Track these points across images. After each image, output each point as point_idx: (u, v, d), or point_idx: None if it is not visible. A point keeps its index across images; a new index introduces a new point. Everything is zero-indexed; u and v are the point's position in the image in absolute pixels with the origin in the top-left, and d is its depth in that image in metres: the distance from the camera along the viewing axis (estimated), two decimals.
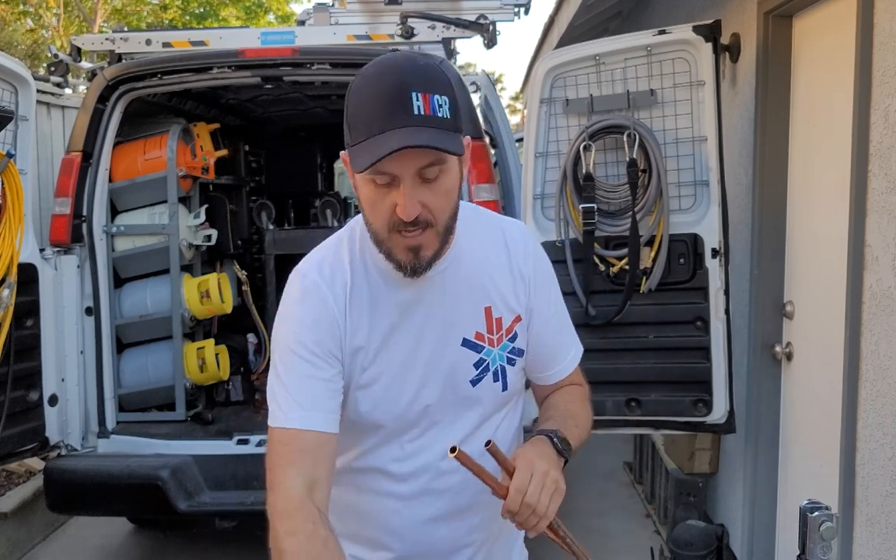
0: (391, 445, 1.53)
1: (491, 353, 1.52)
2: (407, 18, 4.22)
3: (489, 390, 1.52)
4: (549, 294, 1.60)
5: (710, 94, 3.29)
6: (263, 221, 5.19)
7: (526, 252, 1.57)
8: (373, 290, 1.48)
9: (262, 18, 17.07)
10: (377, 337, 1.48)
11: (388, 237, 1.37)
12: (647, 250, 3.35)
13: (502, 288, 1.53)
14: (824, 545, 1.36)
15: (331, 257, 1.52)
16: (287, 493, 1.35)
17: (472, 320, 1.50)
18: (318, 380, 1.43)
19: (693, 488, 4.19)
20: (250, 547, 4.40)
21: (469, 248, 1.51)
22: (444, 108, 1.32)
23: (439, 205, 1.36)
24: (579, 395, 1.66)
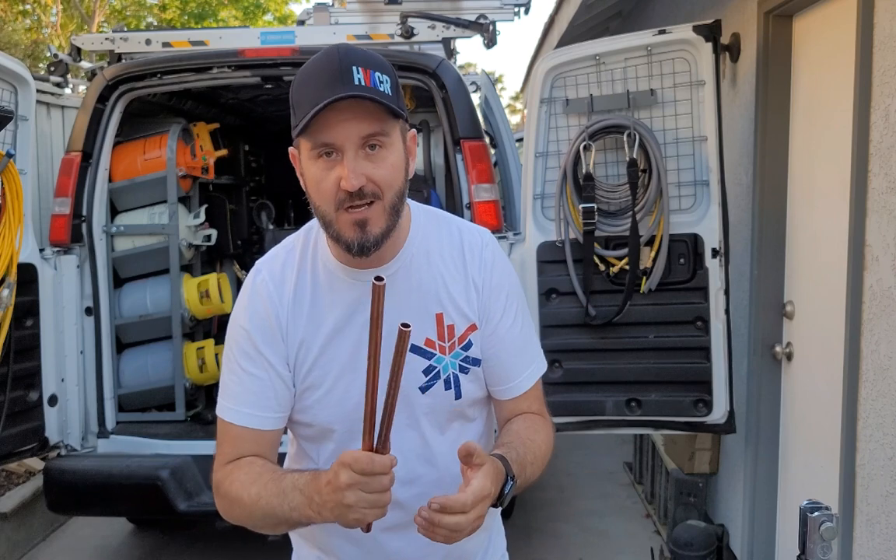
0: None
1: (442, 361, 1.49)
2: (407, 18, 4.22)
3: (440, 398, 1.49)
4: (504, 304, 1.54)
5: (710, 93, 3.29)
6: (263, 221, 5.20)
7: (482, 259, 1.53)
8: (319, 290, 1.48)
9: (259, 19, 17.07)
10: (320, 337, 1.47)
11: (336, 216, 1.37)
12: (647, 250, 3.35)
13: (456, 295, 1.50)
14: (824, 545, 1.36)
15: (283, 255, 1.53)
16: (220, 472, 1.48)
17: (421, 326, 1.46)
18: (256, 377, 1.47)
19: (693, 488, 4.19)
20: (250, 547, 4.41)
21: (423, 252, 1.50)
22: (385, 85, 1.34)
23: (384, 178, 1.36)
24: (544, 428, 1.57)
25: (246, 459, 1.47)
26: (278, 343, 1.47)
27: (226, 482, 1.46)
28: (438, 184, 4.87)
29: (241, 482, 1.43)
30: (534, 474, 1.50)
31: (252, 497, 1.41)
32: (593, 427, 3.48)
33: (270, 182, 5.84)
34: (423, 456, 1.50)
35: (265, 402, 1.47)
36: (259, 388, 1.47)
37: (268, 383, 1.47)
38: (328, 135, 1.33)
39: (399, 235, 1.47)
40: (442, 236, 1.54)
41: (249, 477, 1.43)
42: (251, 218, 5.36)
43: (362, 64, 1.33)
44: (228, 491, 1.45)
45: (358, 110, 1.33)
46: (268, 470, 1.44)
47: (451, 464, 1.42)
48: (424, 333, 1.47)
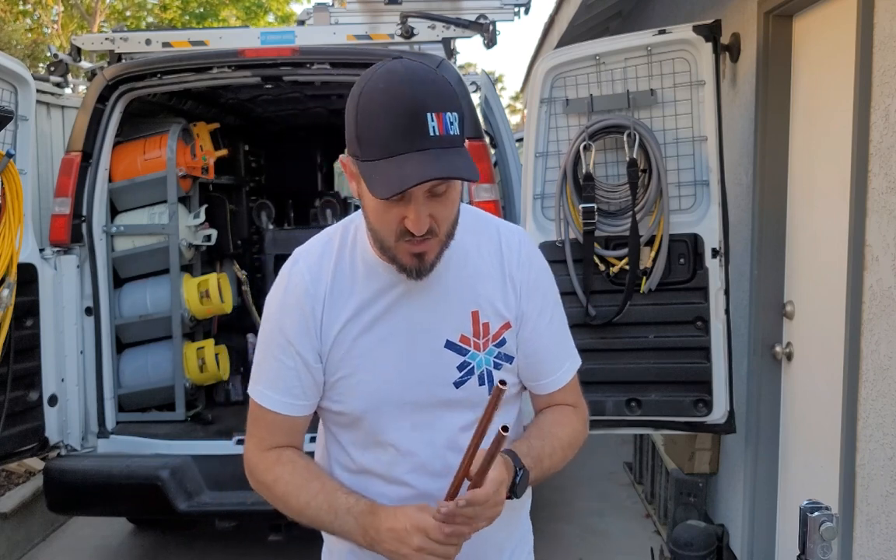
0: (379, 448, 1.53)
1: (476, 357, 1.52)
2: (407, 18, 4.22)
3: (474, 393, 1.52)
4: (543, 302, 1.58)
5: (710, 93, 3.29)
6: (263, 221, 5.20)
7: (520, 258, 1.56)
8: (356, 282, 1.51)
9: (261, 18, 17.07)
10: (355, 328, 1.50)
11: (395, 245, 1.41)
12: (647, 250, 3.35)
13: (492, 293, 1.53)
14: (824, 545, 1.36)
15: (321, 247, 1.55)
16: (257, 457, 1.57)
17: (457, 323, 1.51)
18: (288, 366, 1.51)
19: (693, 488, 4.19)
20: (250, 547, 4.42)
21: (461, 252, 1.52)
22: (454, 124, 1.34)
23: (445, 215, 1.40)
24: (570, 420, 1.63)
25: (287, 455, 1.55)
26: (311, 335, 1.51)
27: (268, 475, 1.54)
28: None
29: (288, 484, 1.52)
30: (554, 465, 1.56)
31: (300, 504, 1.50)
32: (593, 427, 3.42)
33: (270, 182, 5.84)
34: (458, 448, 1.51)
35: (298, 390, 1.53)
36: (292, 377, 1.52)
37: (301, 373, 1.52)
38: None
39: None
40: (480, 235, 1.57)
41: (295, 480, 1.52)
42: (251, 218, 5.36)
43: (434, 106, 1.32)
44: (272, 487, 1.54)
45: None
46: (313, 477, 1.52)
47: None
48: (460, 330, 1.51)
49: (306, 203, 5.72)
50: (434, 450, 1.51)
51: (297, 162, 5.98)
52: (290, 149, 5.95)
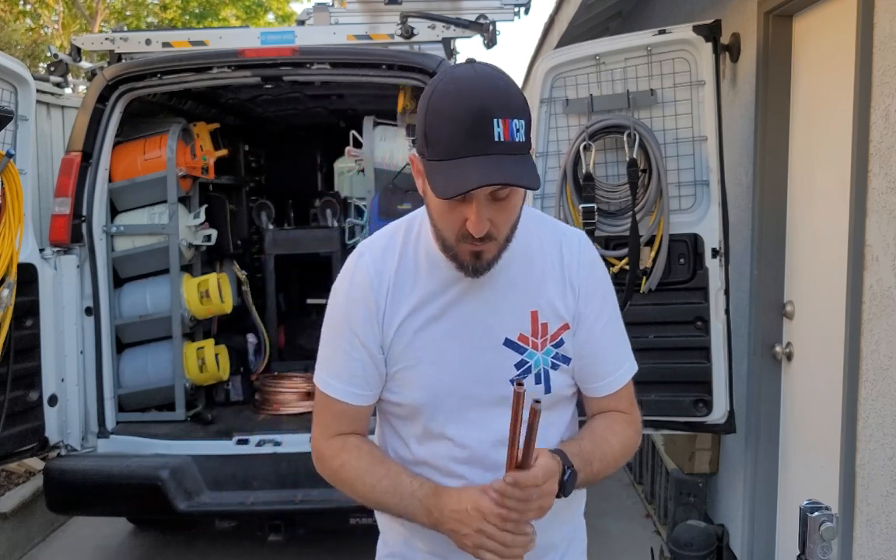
0: (435, 441, 1.56)
1: (534, 356, 1.54)
2: (407, 18, 4.22)
3: (530, 391, 1.52)
4: (601, 305, 1.60)
5: (710, 94, 3.29)
6: (263, 221, 5.19)
7: (581, 261, 1.59)
8: (420, 276, 1.55)
9: (262, 18, 17.07)
10: (417, 320, 1.53)
11: (456, 245, 1.45)
12: (647, 250, 3.35)
13: (551, 294, 1.55)
14: (824, 545, 1.36)
15: (385, 241, 1.60)
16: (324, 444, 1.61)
17: (516, 322, 1.53)
18: (353, 357, 1.55)
19: (693, 488, 4.19)
20: (250, 547, 4.42)
21: (523, 252, 1.55)
22: (520, 131, 1.37)
23: (505, 220, 1.43)
24: (622, 427, 1.63)
25: (352, 442, 1.59)
26: (375, 326, 1.55)
27: (335, 461, 1.59)
28: None
29: (354, 469, 1.56)
30: (602, 471, 1.56)
31: (366, 487, 1.54)
32: None
33: (270, 182, 5.84)
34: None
35: (362, 380, 1.57)
36: (357, 368, 1.56)
37: (366, 363, 1.56)
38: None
39: None
40: (543, 237, 1.60)
41: (361, 465, 1.56)
42: (251, 218, 5.36)
43: (501, 113, 1.34)
44: (338, 472, 1.58)
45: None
46: (378, 461, 1.57)
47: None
48: (518, 329, 1.53)
49: (306, 203, 5.71)
50: (489, 445, 1.53)
51: (297, 162, 5.97)
52: (290, 149, 5.95)
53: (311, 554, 4.28)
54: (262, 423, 4.18)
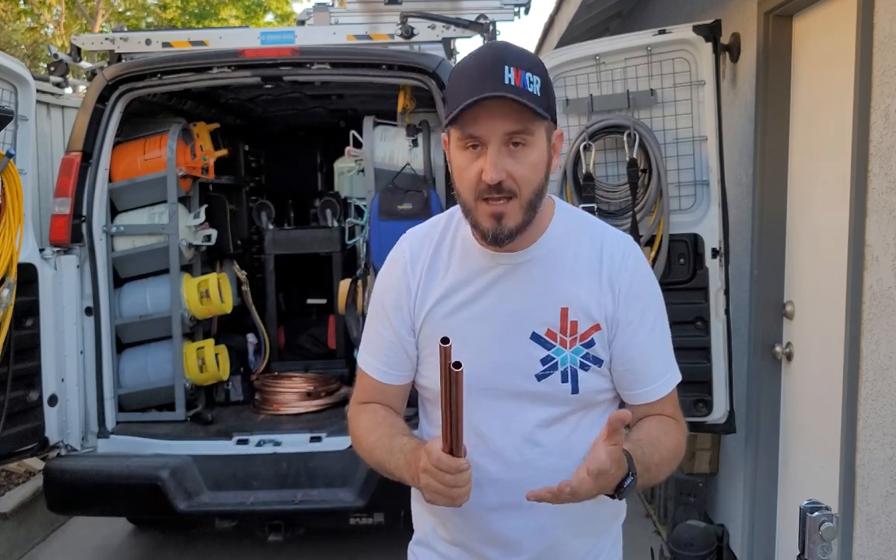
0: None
1: (561, 353, 1.52)
2: (407, 18, 4.22)
3: (556, 389, 1.52)
4: (643, 311, 1.56)
5: (710, 93, 3.29)
6: (263, 221, 5.19)
7: (624, 265, 1.55)
8: (454, 264, 1.57)
9: (261, 18, 17.07)
10: (447, 307, 1.56)
11: (476, 205, 1.45)
12: (648, 250, 3.35)
13: (584, 293, 1.53)
14: (824, 545, 1.36)
15: (427, 229, 1.65)
16: (352, 409, 1.70)
17: (545, 317, 1.52)
18: (383, 337, 1.62)
19: (693, 488, 4.18)
20: (250, 547, 4.42)
21: (559, 248, 1.54)
22: (535, 85, 1.39)
23: (524, 175, 1.42)
24: (674, 431, 1.59)
25: (371, 406, 1.66)
26: (404, 309, 1.59)
27: (353, 421, 1.67)
28: (438, 184, 4.86)
29: (364, 427, 1.63)
30: (658, 476, 1.53)
31: (369, 444, 1.60)
32: None
33: (270, 182, 5.84)
34: (534, 441, 1.54)
35: (390, 359, 1.62)
36: (386, 347, 1.62)
37: (394, 344, 1.61)
38: (475, 128, 1.40)
39: (537, 227, 1.53)
40: (582, 236, 1.58)
41: (370, 425, 1.62)
42: (251, 218, 5.36)
43: (514, 63, 1.39)
44: (354, 430, 1.66)
45: (505, 108, 1.39)
46: (385, 423, 1.61)
47: (565, 455, 1.49)
48: (547, 324, 1.52)
49: (306, 203, 5.71)
50: (510, 438, 1.53)
51: (297, 162, 5.97)
52: (290, 149, 5.95)
53: (311, 554, 4.28)
54: (262, 423, 4.18)
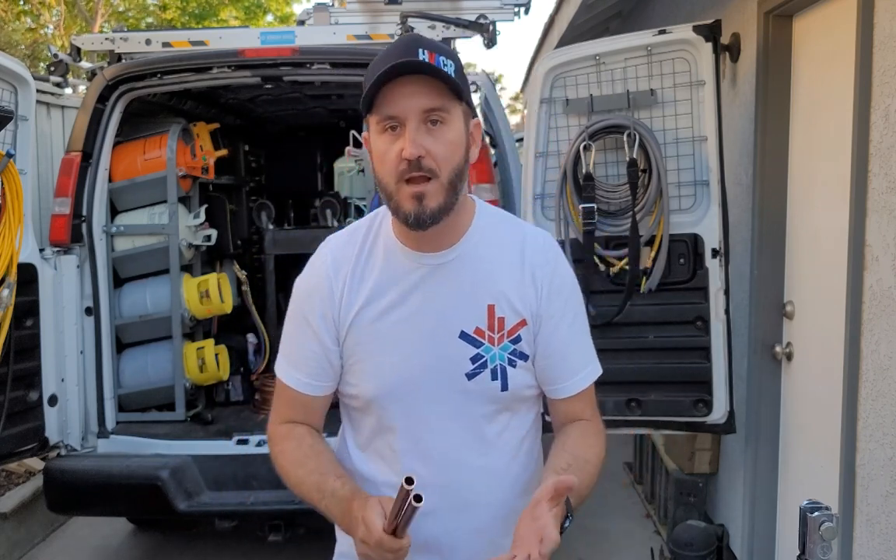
0: (389, 433, 1.55)
1: (490, 351, 1.52)
2: (407, 18, 4.22)
3: (486, 387, 1.52)
4: (564, 306, 1.58)
5: (710, 94, 3.29)
6: (263, 221, 5.19)
7: (545, 259, 1.57)
8: (377, 268, 1.55)
9: (261, 18, 17.07)
10: (373, 312, 1.53)
11: (397, 188, 1.43)
12: (647, 250, 3.35)
13: (509, 290, 1.53)
14: (824, 545, 1.36)
15: (349, 233, 1.62)
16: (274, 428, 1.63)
17: (472, 315, 1.52)
18: (307, 348, 1.57)
19: (693, 488, 4.19)
20: (250, 547, 4.42)
21: (481, 246, 1.55)
22: (449, 67, 1.41)
23: (443, 154, 1.42)
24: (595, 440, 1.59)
25: (297, 432, 1.60)
26: (329, 318, 1.55)
27: (277, 446, 1.61)
28: None
29: (290, 458, 1.57)
30: (587, 496, 1.53)
31: (297, 478, 1.54)
32: None
33: (270, 182, 5.84)
34: (468, 443, 1.54)
35: (315, 370, 1.57)
36: (310, 357, 1.57)
37: (319, 354, 1.56)
38: (392, 108, 1.41)
39: (460, 225, 1.54)
40: (503, 233, 1.59)
41: (297, 456, 1.56)
42: (251, 218, 5.36)
43: (428, 47, 1.41)
44: (277, 458, 1.60)
45: (420, 85, 1.40)
46: (313, 455, 1.56)
47: (498, 454, 1.52)
48: (474, 322, 1.52)
49: (306, 203, 5.71)
50: (442, 440, 1.52)
51: (297, 162, 5.97)
52: (290, 149, 5.95)
53: (311, 554, 4.28)
54: (262, 423, 4.18)
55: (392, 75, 1.38)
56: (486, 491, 1.54)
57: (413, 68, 1.38)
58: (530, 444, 1.62)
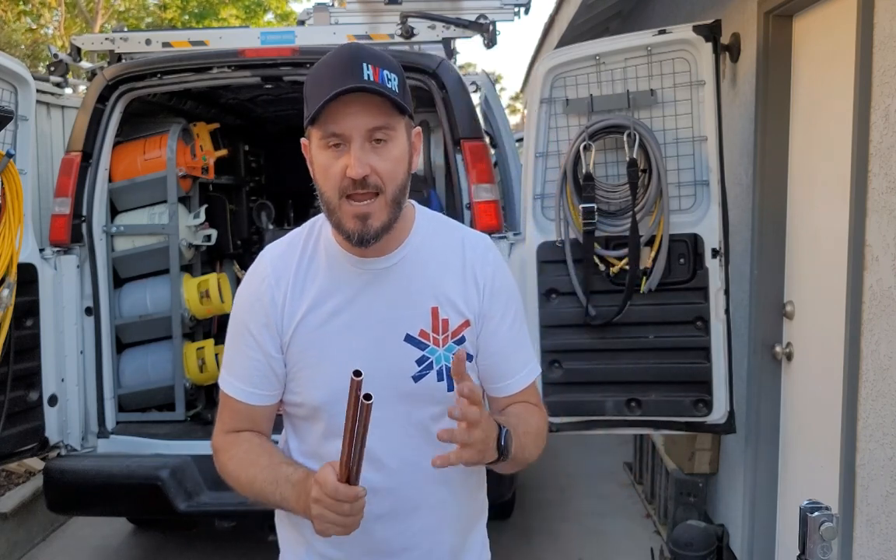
0: (337, 440, 1.48)
1: (435, 353, 1.53)
2: (407, 18, 4.22)
3: (433, 388, 1.53)
4: (505, 306, 1.60)
5: (710, 94, 3.29)
6: (263, 221, 5.19)
7: (485, 260, 1.59)
8: (319, 274, 1.55)
9: (261, 18, 17.07)
10: (317, 318, 1.53)
11: (339, 205, 1.44)
12: (647, 250, 3.35)
13: (451, 291, 1.55)
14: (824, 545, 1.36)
15: (287, 242, 1.62)
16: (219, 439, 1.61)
17: (416, 318, 1.53)
18: (250, 358, 1.56)
19: (693, 488, 4.19)
20: (250, 547, 4.42)
21: (422, 249, 1.56)
22: (393, 82, 1.42)
23: (388, 171, 1.43)
24: (536, 412, 1.64)
25: (244, 436, 1.58)
26: (271, 326, 1.54)
27: (224, 455, 1.59)
28: (438, 184, 4.87)
29: (239, 461, 1.55)
30: (527, 446, 1.54)
31: (248, 478, 1.53)
32: (593, 427, 3.48)
33: (270, 182, 5.84)
34: (416, 445, 1.54)
35: (259, 380, 1.56)
36: (254, 367, 1.56)
37: (262, 364, 1.55)
38: (337, 125, 1.40)
39: (401, 230, 1.54)
40: (443, 236, 1.61)
41: (247, 458, 1.54)
42: (251, 218, 5.36)
43: (372, 61, 1.40)
44: (226, 465, 1.59)
45: (366, 104, 1.40)
46: (264, 453, 1.55)
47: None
48: (419, 325, 1.53)
49: (306, 203, 5.70)
50: (390, 443, 1.52)
51: (297, 162, 5.92)
52: (290, 149, 5.90)
53: None
54: None
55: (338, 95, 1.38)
56: (435, 491, 1.56)
57: (361, 90, 1.38)
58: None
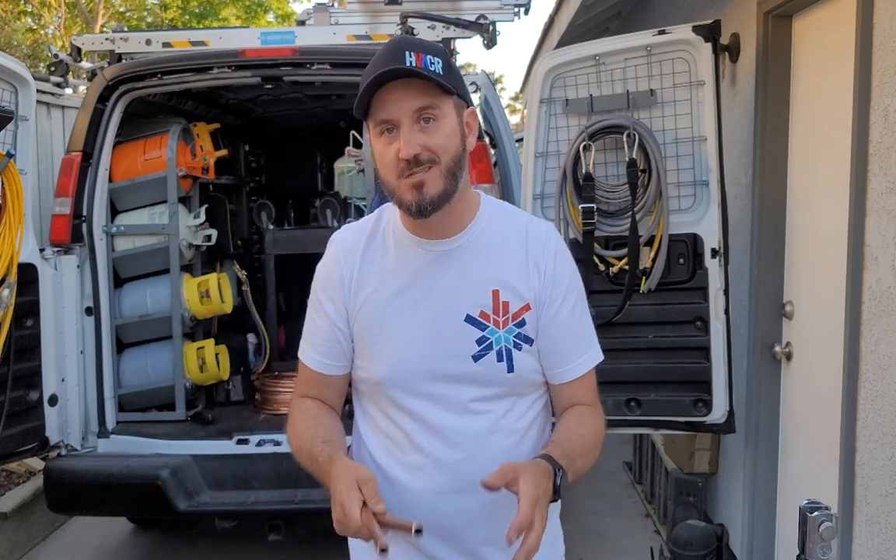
0: (398, 415, 1.60)
1: (496, 334, 1.58)
2: (407, 18, 4.22)
3: (492, 369, 1.57)
4: (566, 291, 1.64)
5: (709, 94, 3.29)
6: (263, 221, 5.19)
7: (547, 247, 1.64)
8: (387, 254, 1.62)
9: (262, 18, 17.07)
10: (382, 296, 1.60)
11: (398, 184, 1.51)
12: (647, 250, 3.35)
13: (513, 275, 1.60)
14: (824, 545, 1.36)
15: (362, 223, 1.71)
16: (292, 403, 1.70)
17: (478, 299, 1.57)
18: (321, 328, 1.65)
19: (693, 488, 4.19)
20: (250, 547, 4.42)
21: (486, 234, 1.61)
22: (436, 65, 1.48)
23: (439, 144, 1.50)
24: (592, 420, 1.67)
25: (308, 404, 1.67)
26: (339, 300, 1.63)
27: (290, 419, 1.68)
28: None
29: (294, 427, 1.64)
30: (585, 465, 1.60)
31: (298, 444, 1.61)
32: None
33: (270, 182, 5.84)
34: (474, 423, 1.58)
35: (328, 350, 1.65)
36: (323, 338, 1.65)
37: (330, 335, 1.64)
38: (385, 112, 1.49)
39: (465, 215, 1.61)
40: (507, 222, 1.66)
41: (301, 425, 1.63)
42: (251, 218, 5.36)
43: (415, 49, 1.48)
44: (287, 428, 1.67)
45: (409, 87, 1.47)
46: (313, 424, 1.62)
47: (504, 435, 1.57)
48: (480, 306, 1.58)
49: (306, 203, 5.72)
50: (449, 420, 1.57)
51: (297, 162, 5.97)
52: (290, 149, 5.95)
53: (311, 554, 4.28)
54: (262, 422, 4.18)
55: (381, 82, 1.46)
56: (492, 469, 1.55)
57: (399, 74, 1.45)
58: (537, 433, 1.66)
